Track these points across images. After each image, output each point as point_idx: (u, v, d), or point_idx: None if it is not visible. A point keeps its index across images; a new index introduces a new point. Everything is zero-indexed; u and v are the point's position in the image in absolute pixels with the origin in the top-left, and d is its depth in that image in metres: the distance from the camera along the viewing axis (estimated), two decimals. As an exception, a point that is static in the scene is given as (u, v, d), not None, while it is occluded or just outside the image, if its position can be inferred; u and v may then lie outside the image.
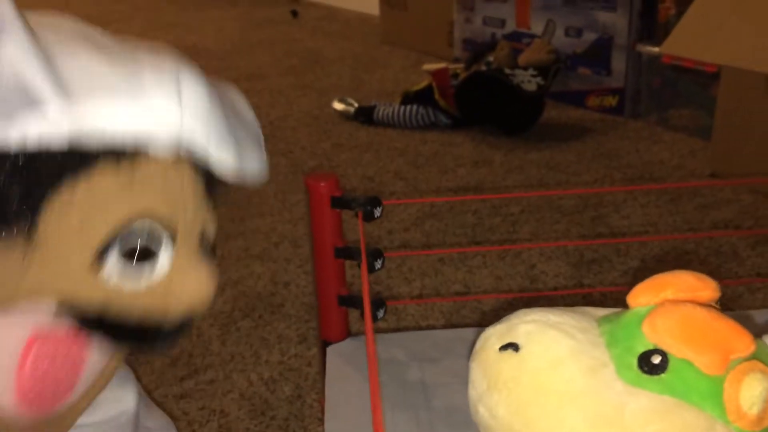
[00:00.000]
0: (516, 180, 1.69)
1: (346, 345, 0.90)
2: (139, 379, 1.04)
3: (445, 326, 1.16)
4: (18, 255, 0.37)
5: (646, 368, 0.40)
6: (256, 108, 1.95)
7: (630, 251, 1.36)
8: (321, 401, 1.00)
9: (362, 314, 0.88)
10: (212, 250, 0.46)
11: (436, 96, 1.99)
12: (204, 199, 0.46)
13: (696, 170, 1.71)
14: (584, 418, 0.39)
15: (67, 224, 0.38)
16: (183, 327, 0.45)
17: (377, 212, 0.84)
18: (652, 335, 0.40)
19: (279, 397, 1.02)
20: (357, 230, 0.78)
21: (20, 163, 0.37)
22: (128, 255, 0.40)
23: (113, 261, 0.40)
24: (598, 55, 2.06)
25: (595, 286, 1.25)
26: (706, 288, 0.42)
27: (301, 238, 1.47)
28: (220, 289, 1.30)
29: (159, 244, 0.42)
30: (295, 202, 1.62)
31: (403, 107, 2.05)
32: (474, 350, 0.47)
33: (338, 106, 2.18)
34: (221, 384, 1.05)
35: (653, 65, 1.95)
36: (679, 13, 1.83)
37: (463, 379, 0.50)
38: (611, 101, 2.07)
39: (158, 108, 0.39)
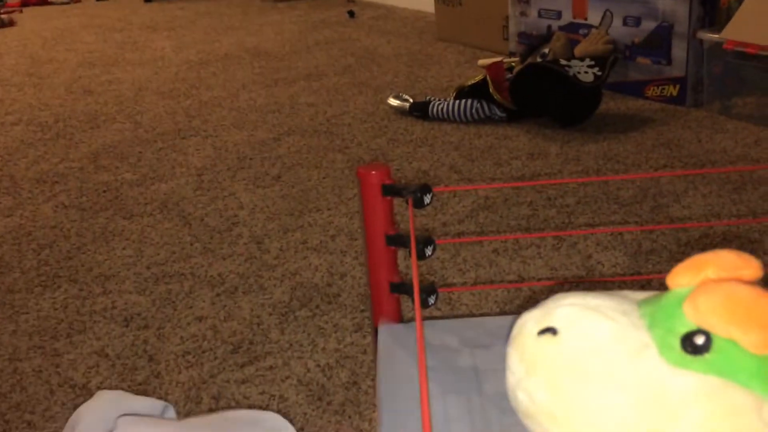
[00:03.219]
0: (572, 171, 1.68)
1: (398, 330, 0.92)
2: (201, 365, 1.09)
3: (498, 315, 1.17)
4: None
5: (689, 349, 0.39)
6: (314, 106, 2.02)
7: (691, 241, 1.33)
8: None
9: (414, 300, 0.90)
10: None
11: (491, 89, 1.99)
12: None
13: (761, 159, 1.66)
14: (628, 402, 0.39)
15: None
16: None
17: (427, 199, 0.85)
18: (695, 315, 0.39)
19: (335, 384, 1.05)
20: (412, 222, 0.80)
21: None
22: None
23: None
24: (658, 43, 2.02)
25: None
26: (749, 266, 0.41)
27: (356, 231, 1.49)
28: (279, 280, 1.34)
29: None
30: (351, 197, 1.65)
31: (457, 102, 2.05)
32: (511, 335, 0.46)
33: (393, 102, 2.21)
34: (280, 370, 1.09)
35: (715, 53, 1.90)
36: (742, -3, 1.77)
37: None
38: (672, 91, 2.03)
39: None
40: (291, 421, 0.99)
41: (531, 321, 0.45)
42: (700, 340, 0.39)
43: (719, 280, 0.41)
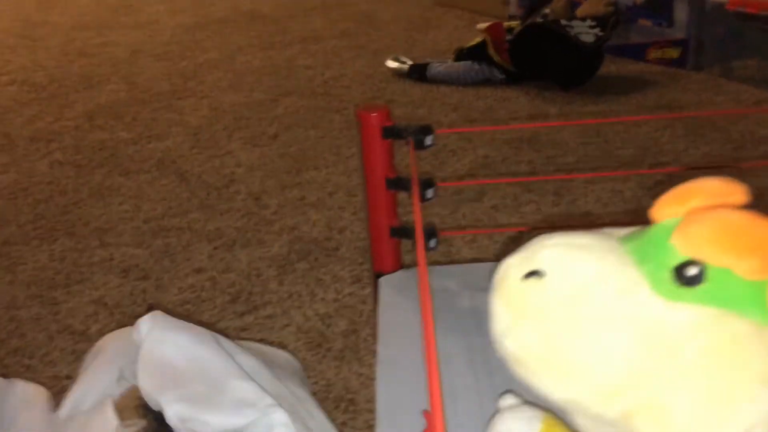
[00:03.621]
0: (572, 132, 1.67)
1: (398, 276, 0.92)
2: (200, 314, 1.08)
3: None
4: None
5: (683, 281, 0.37)
6: (311, 69, 1.99)
7: (690, 198, 1.33)
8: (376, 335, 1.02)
9: (414, 244, 0.89)
10: None
11: (491, 51, 1.97)
12: None
13: (761, 121, 1.65)
14: (625, 341, 0.37)
15: None
16: None
17: (428, 140, 0.85)
18: (685, 246, 0.37)
19: (334, 332, 1.05)
20: (413, 161, 0.79)
21: None
22: None
23: None
24: (660, 5, 2.00)
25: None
26: (735, 192, 0.39)
27: (355, 188, 1.49)
28: (277, 234, 1.33)
29: None
30: (349, 155, 1.64)
31: (456, 64, 2.03)
32: (493, 282, 0.43)
33: (392, 64, 2.18)
34: (279, 319, 1.09)
35: (717, 14, 1.88)
36: (747, -44, 1.75)
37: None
38: (673, 53, 2.01)
39: None
40: (290, 367, 0.99)
41: (514, 266, 0.41)
42: (693, 271, 0.37)
43: (707, 208, 0.38)
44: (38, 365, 1.01)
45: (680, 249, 0.37)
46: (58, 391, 0.97)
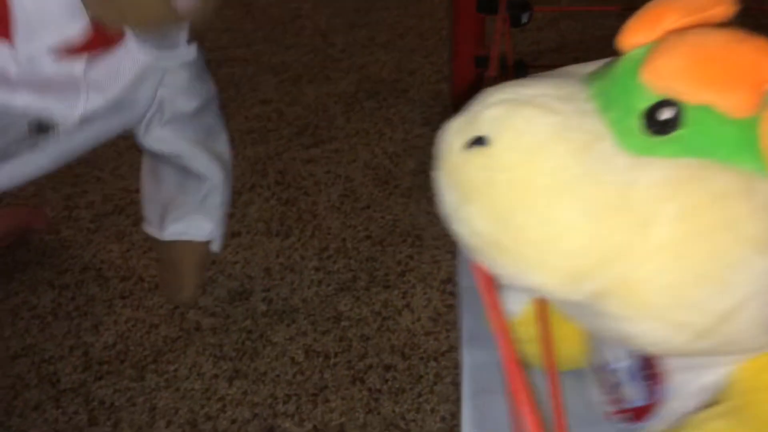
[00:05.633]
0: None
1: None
2: (267, 143, 1.07)
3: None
4: None
5: (654, 128, 0.30)
6: None
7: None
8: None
9: (499, 75, 0.84)
10: None
11: None
12: None
13: None
14: (582, 210, 0.30)
15: None
16: None
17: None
18: (656, 82, 0.29)
19: (402, 170, 1.02)
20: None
21: None
22: None
23: None
24: None
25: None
26: (718, 2, 0.30)
27: (427, 31, 1.41)
28: (345, 72, 1.28)
29: None
30: (421, -2, 1.55)
31: None
32: (437, 154, 0.34)
33: None
34: (346, 154, 1.06)
35: None
36: None
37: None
38: None
39: None
40: (356, 200, 0.98)
41: (456, 132, 0.32)
42: (666, 114, 0.30)
43: (682, 29, 0.30)
44: (108, 177, 1.02)
45: (651, 86, 0.30)
46: (128, 203, 0.99)
